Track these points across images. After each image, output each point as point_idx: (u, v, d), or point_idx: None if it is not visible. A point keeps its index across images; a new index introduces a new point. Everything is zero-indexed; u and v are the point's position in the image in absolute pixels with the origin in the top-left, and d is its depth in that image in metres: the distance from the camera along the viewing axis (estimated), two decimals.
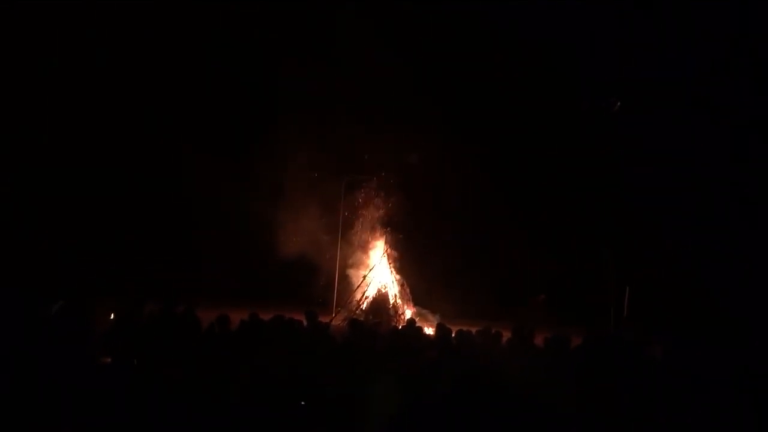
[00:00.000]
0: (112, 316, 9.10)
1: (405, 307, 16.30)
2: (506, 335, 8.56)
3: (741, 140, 16.27)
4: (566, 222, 18.07)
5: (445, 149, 17.21)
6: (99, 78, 17.18)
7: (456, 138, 17.26)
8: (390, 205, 16.91)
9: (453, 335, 8.32)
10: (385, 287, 16.55)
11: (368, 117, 16.39)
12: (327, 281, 16.88)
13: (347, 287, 16.77)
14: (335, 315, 15.49)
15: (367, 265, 16.86)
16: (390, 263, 16.84)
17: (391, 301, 16.33)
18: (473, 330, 8.71)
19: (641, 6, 16.19)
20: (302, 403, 6.57)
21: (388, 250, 16.85)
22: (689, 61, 15.95)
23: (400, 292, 16.56)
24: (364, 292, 16.47)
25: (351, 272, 16.86)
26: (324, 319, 11.63)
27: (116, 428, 6.14)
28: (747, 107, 16.11)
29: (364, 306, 16.23)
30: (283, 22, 16.96)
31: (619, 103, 16.67)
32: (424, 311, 15.84)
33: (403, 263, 16.95)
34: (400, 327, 11.86)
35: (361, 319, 14.55)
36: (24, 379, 6.36)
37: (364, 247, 17.07)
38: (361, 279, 16.61)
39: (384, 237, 16.95)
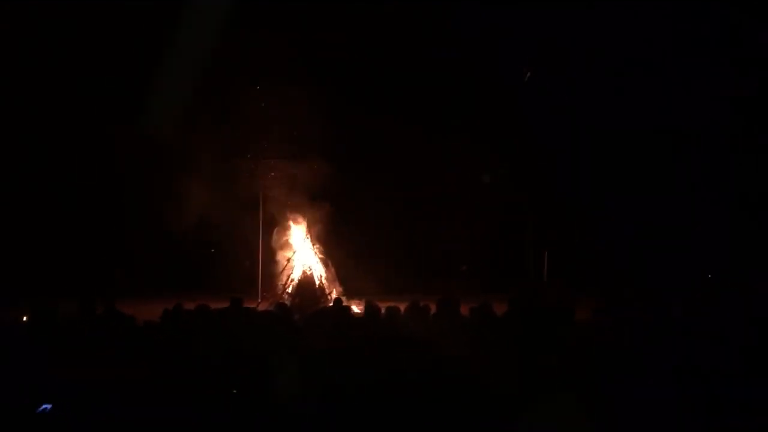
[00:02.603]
0: (24, 319, 8.70)
1: (331, 287, 16.29)
2: (434, 309, 8.68)
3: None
4: (483, 189, 18.35)
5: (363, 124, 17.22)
6: None
7: (374, 111, 17.25)
8: (311, 184, 16.73)
9: (382, 312, 8.39)
10: (310, 269, 16.47)
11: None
12: (250, 266, 16.67)
13: (271, 271, 16.60)
14: (261, 300, 15.34)
15: (291, 248, 16.72)
16: (313, 244, 16.75)
17: (317, 283, 16.29)
18: (401, 306, 8.78)
19: None
20: (234, 391, 6.48)
21: (310, 232, 16.74)
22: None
23: (326, 272, 16.53)
24: (290, 275, 16.36)
25: (275, 256, 16.69)
26: (250, 305, 11.53)
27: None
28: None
29: (289, 289, 16.13)
30: None
31: (529, 73, 16.99)
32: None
33: (326, 243, 16.88)
34: (326, 307, 11.86)
35: (288, 302, 14.48)
36: None
37: (286, 230, 16.89)
38: (286, 262, 16.48)
39: (306, 218, 16.81)
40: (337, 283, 16.42)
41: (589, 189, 17.21)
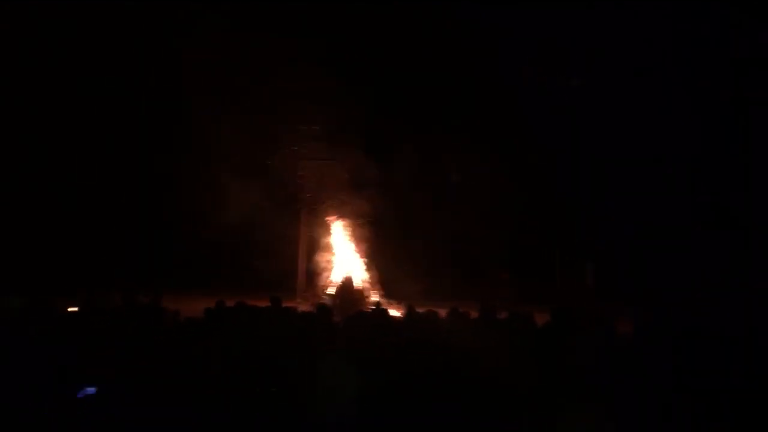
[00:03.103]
0: (73, 309, 8.93)
1: (372, 290, 16.31)
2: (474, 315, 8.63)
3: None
4: (528, 199, 18.19)
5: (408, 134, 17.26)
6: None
7: (419, 122, 17.31)
8: (354, 188, 16.82)
9: (421, 316, 8.37)
10: (351, 272, 16.53)
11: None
12: (290, 267, 16.83)
13: (312, 273, 16.73)
14: (300, 301, 15.45)
15: (332, 250, 16.81)
16: (355, 247, 16.81)
17: (358, 285, 16.33)
18: (441, 311, 8.75)
19: None
20: (273, 389, 6.52)
21: (353, 234, 16.81)
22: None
23: (367, 275, 16.56)
24: (330, 277, 16.45)
25: (316, 257, 16.80)
26: (290, 305, 11.62)
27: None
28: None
29: (329, 291, 16.21)
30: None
31: (575, 80, 16.78)
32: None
33: (368, 247, 16.93)
34: (367, 310, 11.89)
35: (328, 303, 14.54)
36: None
37: (328, 232, 17.00)
38: (326, 263, 16.58)
39: (348, 220, 16.89)
40: (378, 287, 16.46)
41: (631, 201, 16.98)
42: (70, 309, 8.96)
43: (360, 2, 16.61)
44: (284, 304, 9.41)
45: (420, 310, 8.89)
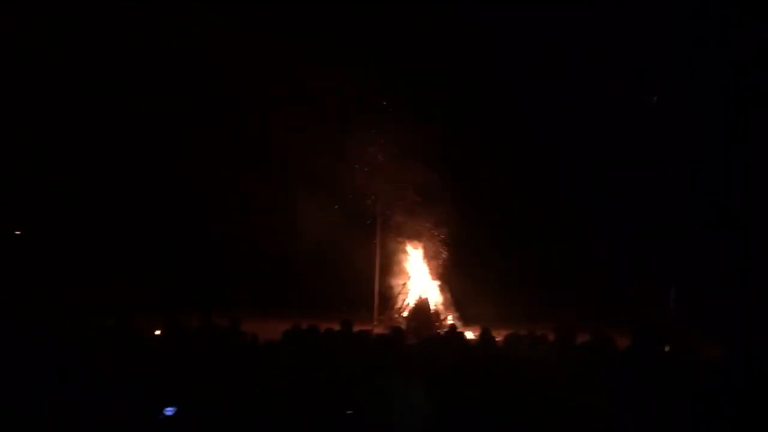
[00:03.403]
0: (158, 332, 9.25)
1: (446, 313, 16.21)
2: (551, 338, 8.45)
3: None
4: (605, 222, 17.79)
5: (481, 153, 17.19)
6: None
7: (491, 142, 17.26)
8: (429, 211, 16.82)
9: (497, 339, 8.27)
10: (426, 294, 16.48)
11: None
12: (366, 290, 16.90)
13: (387, 295, 16.77)
14: (376, 323, 15.49)
15: (407, 272, 16.82)
16: (429, 270, 16.77)
17: (432, 308, 16.26)
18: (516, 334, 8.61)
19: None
20: (348, 412, 6.56)
21: (427, 257, 16.79)
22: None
23: (442, 298, 16.48)
24: (405, 300, 16.44)
25: (390, 279, 16.84)
26: (365, 328, 11.67)
27: None
28: None
29: (405, 313, 16.19)
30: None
31: (656, 98, 16.46)
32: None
33: (443, 269, 16.86)
34: (442, 333, 11.81)
35: (403, 326, 14.52)
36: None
37: (403, 253, 17.02)
38: (401, 286, 16.59)
39: (423, 243, 16.89)
40: (452, 309, 16.34)
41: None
42: (156, 332, 9.31)
43: (430, 26, 16.78)
44: (360, 327, 9.47)
45: (496, 332, 8.78)
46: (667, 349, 7.75)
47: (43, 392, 6.45)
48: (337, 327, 8.69)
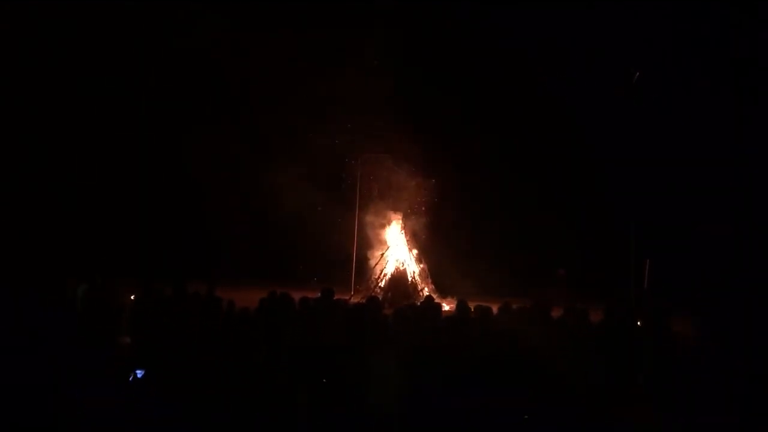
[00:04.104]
0: (132, 297, 9.18)
1: (423, 284, 16.28)
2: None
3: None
4: (584, 197, 17.90)
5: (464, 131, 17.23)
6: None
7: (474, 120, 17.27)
8: (408, 182, 16.79)
9: (473, 310, 8.30)
10: (404, 265, 16.53)
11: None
12: (344, 260, 16.91)
13: (365, 265, 16.78)
14: (353, 293, 15.52)
15: (385, 243, 16.83)
16: (408, 240, 16.79)
17: (410, 279, 16.32)
18: (493, 307, 8.66)
19: None
20: (323, 380, 6.59)
21: (405, 228, 16.80)
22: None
23: (419, 269, 16.54)
24: (383, 270, 16.47)
25: (368, 250, 16.85)
26: (343, 297, 11.69)
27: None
28: None
29: (382, 284, 16.23)
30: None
31: (638, 73, 16.42)
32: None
33: (421, 241, 16.89)
34: (418, 303, 11.84)
35: (380, 296, 14.56)
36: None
37: (382, 225, 17.01)
38: (379, 257, 16.61)
39: (401, 214, 16.89)
40: (429, 281, 16.41)
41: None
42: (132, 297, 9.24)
43: (454, 26, 16.74)
44: (337, 297, 9.45)
45: (472, 304, 8.80)
46: (639, 323, 7.87)
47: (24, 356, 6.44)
48: (313, 296, 8.68)
